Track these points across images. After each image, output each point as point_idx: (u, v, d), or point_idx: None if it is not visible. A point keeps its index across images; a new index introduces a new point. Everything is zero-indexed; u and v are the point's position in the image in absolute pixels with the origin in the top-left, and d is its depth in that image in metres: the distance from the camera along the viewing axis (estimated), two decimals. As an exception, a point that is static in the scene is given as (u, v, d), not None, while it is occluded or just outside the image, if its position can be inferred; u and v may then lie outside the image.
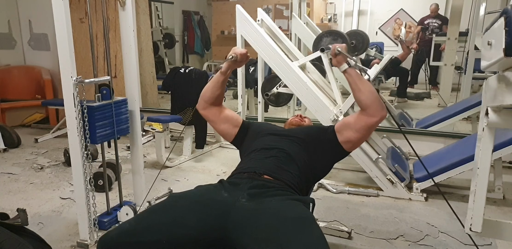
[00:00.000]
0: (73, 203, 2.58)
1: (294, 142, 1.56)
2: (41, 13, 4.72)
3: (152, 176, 3.14)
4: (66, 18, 1.82)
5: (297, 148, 1.53)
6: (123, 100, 2.25)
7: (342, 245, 2.12)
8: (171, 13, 7.67)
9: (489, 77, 1.34)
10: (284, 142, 1.56)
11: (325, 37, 2.90)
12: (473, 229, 1.43)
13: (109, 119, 2.14)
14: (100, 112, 2.08)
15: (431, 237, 2.20)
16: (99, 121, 2.07)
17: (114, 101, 2.17)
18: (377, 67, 2.70)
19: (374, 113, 1.48)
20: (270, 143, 1.57)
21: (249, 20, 2.92)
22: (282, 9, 6.65)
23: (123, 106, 2.25)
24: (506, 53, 1.06)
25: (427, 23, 6.34)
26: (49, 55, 4.81)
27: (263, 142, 1.58)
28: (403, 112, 4.30)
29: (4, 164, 3.43)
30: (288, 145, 1.54)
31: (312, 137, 1.60)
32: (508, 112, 1.29)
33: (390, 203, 2.66)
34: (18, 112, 4.60)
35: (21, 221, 1.88)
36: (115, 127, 2.18)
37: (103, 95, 2.13)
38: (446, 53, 5.31)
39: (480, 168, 1.38)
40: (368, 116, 1.49)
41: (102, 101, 2.11)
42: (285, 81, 2.89)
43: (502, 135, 2.37)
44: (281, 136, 1.61)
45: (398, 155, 3.03)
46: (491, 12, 4.06)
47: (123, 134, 2.26)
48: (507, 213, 2.51)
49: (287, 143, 1.55)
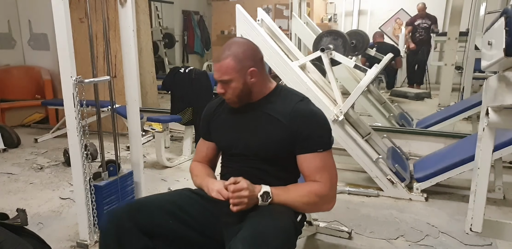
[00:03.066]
0: (73, 203, 2.58)
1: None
2: (41, 13, 4.71)
3: (152, 176, 3.15)
4: (66, 18, 1.82)
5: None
6: (129, 174, 2.30)
7: (342, 245, 2.12)
8: (171, 13, 7.67)
9: (489, 77, 1.34)
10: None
11: (325, 37, 2.89)
12: (473, 229, 1.43)
13: (115, 194, 2.20)
14: (107, 190, 2.13)
15: (432, 237, 2.20)
16: (106, 199, 2.13)
17: (120, 176, 2.22)
18: (377, 67, 2.70)
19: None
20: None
21: (249, 20, 2.91)
22: (282, 9, 6.65)
23: (128, 179, 2.30)
24: (506, 53, 1.06)
25: (418, 24, 6.35)
26: (49, 55, 4.80)
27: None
28: (403, 112, 4.30)
29: (3, 164, 3.42)
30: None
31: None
32: (508, 112, 1.29)
33: (390, 203, 2.66)
34: (18, 112, 4.60)
35: (21, 221, 1.88)
36: (121, 200, 2.23)
37: (110, 172, 2.18)
38: (446, 53, 5.32)
39: (480, 168, 1.38)
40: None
41: (109, 178, 2.17)
42: (285, 81, 2.89)
43: (502, 135, 2.37)
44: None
45: (398, 155, 3.03)
46: (491, 12, 4.06)
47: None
48: (507, 213, 2.51)
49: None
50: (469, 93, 4.46)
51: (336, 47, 2.83)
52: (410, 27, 6.41)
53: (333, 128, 2.71)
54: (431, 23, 6.29)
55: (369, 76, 2.66)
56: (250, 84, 1.32)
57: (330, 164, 1.34)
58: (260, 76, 1.34)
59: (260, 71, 1.34)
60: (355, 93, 2.69)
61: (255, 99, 1.38)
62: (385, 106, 4.23)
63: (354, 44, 3.82)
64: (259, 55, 1.35)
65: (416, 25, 6.35)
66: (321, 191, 1.30)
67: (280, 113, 1.33)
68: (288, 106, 1.33)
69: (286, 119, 1.31)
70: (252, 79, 1.31)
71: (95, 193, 2.07)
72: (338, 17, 7.21)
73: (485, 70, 3.47)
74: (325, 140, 1.33)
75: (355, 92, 2.69)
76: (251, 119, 1.39)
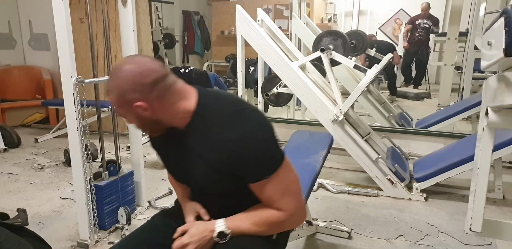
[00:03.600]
0: (73, 203, 2.58)
1: None
2: (41, 13, 4.72)
3: (152, 176, 3.15)
4: (66, 18, 1.82)
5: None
6: (129, 174, 2.32)
7: (342, 245, 2.12)
8: (171, 13, 7.66)
9: (489, 77, 1.34)
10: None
11: (325, 37, 2.90)
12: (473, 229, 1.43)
13: (115, 194, 2.22)
14: (107, 190, 2.16)
15: (431, 237, 2.20)
16: (106, 199, 2.16)
17: (120, 176, 2.23)
18: (377, 67, 2.70)
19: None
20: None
21: (249, 20, 2.91)
22: (282, 9, 6.65)
23: (129, 179, 2.32)
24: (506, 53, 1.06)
25: (419, 23, 6.30)
26: (49, 55, 4.81)
27: None
28: (402, 112, 4.30)
29: (4, 164, 3.43)
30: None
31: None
32: (508, 112, 1.29)
33: (390, 203, 2.66)
34: (18, 112, 4.60)
35: (21, 221, 1.88)
36: (121, 199, 2.24)
37: (110, 172, 2.20)
38: (445, 53, 5.32)
39: (480, 168, 1.38)
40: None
41: (109, 178, 2.19)
42: (285, 81, 2.89)
43: (502, 135, 2.37)
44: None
45: (398, 155, 3.03)
46: (491, 12, 4.06)
47: (129, 205, 2.31)
48: (507, 213, 2.51)
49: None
50: (468, 94, 4.46)
51: (336, 48, 2.84)
52: (409, 26, 6.35)
53: (333, 128, 2.72)
54: (432, 24, 6.26)
55: (369, 76, 2.67)
56: (149, 117, 1.04)
57: (286, 183, 1.08)
58: (158, 104, 1.02)
59: (154, 100, 1.02)
60: (355, 94, 2.69)
61: (179, 126, 1.09)
62: (385, 106, 4.23)
63: (354, 44, 3.82)
64: (151, 78, 1.00)
65: (416, 24, 6.30)
66: (282, 219, 1.09)
67: (206, 152, 1.06)
68: (211, 140, 1.04)
69: (214, 161, 1.05)
70: (146, 113, 1.03)
71: (95, 193, 2.08)
72: (338, 17, 7.21)
73: (484, 70, 3.48)
74: (267, 163, 1.04)
75: (355, 93, 2.69)
76: (182, 153, 1.14)
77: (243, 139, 1.01)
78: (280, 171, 1.05)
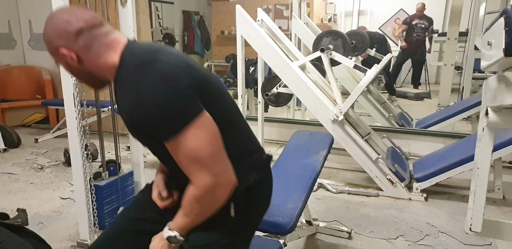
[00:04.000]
0: (73, 203, 2.59)
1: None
2: (41, 13, 4.71)
3: (152, 176, 3.15)
4: (66, 18, 1.82)
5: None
6: (129, 174, 2.31)
7: (342, 245, 2.12)
8: (171, 13, 7.66)
9: (489, 77, 1.34)
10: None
11: (325, 37, 2.90)
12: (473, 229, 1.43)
13: (115, 194, 2.22)
14: (107, 190, 2.16)
15: (431, 237, 2.21)
16: (106, 199, 2.16)
17: (120, 176, 2.23)
18: (377, 67, 2.70)
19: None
20: None
21: (249, 20, 2.91)
22: (282, 9, 6.65)
23: (129, 179, 2.32)
24: (506, 53, 1.06)
25: (415, 23, 6.32)
26: (49, 55, 4.80)
27: None
28: (402, 112, 4.30)
29: (4, 164, 3.43)
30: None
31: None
32: (508, 112, 1.28)
33: (390, 203, 2.66)
34: (18, 112, 4.61)
35: (21, 221, 1.88)
36: (121, 199, 2.25)
37: (110, 172, 2.20)
38: (445, 53, 5.32)
39: (480, 168, 1.38)
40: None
41: (109, 178, 2.19)
42: (285, 81, 2.89)
43: (502, 135, 2.38)
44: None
45: (398, 155, 3.03)
46: (491, 12, 4.06)
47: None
48: (507, 213, 2.51)
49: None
50: (468, 94, 4.47)
51: (336, 48, 2.84)
52: (405, 26, 6.38)
53: (333, 128, 2.73)
54: (429, 24, 6.28)
55: (369, 76, 2.67)
56: (77, 66, 1.02)
57: (193, 148, 0.93)
58: (84, 54, 1.00)
59: (80, 50, 0.99)
60: (354, 94, 2.69)
61: (112, 80, 1.05)
62: (385, 106, 4.23)
63: (354, 44, 3.82)
64: (77, 26, 0.98)
65: (413, 24, 6.33)
66: (198, 196, 0.97)
67: (123, 113, 1.02)
68: (123, 99, 1.00)
69: (129, 122, 1.01)
70: (73, 62, 1.01)
71: (95, 193, 2.08)
72: (338, 17, 7.21)
73: (484, 71, 3.48)
74: (169, 124, 0.92)
75: (355, 93, 2.69)
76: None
77: (139, 102, 0.92)
78: (187, 133, 0.92)
